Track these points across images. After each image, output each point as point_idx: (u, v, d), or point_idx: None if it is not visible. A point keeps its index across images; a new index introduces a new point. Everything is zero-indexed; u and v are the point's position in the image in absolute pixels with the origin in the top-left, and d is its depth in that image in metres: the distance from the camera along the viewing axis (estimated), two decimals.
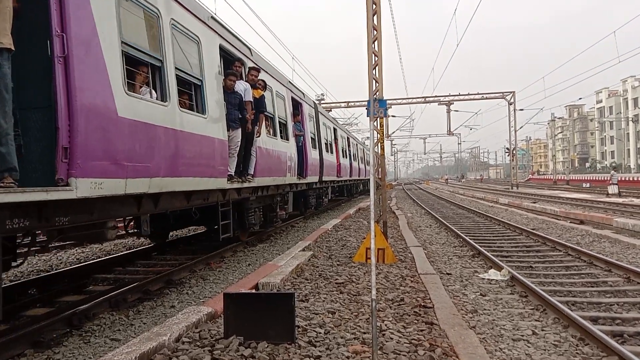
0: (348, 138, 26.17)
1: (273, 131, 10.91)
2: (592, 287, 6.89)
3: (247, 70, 9.34)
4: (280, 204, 12.53)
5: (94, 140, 4.58)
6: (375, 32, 10.24)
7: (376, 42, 10.24)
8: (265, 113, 10.00)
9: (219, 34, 8.11)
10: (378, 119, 9.38)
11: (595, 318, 5.31)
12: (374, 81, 10.23)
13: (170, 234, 11.73)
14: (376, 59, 10.25)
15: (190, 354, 3.76)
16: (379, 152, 10.78)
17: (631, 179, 46.00)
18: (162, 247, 9.96)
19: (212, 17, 7.90)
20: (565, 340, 4.77)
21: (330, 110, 38.08)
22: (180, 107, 6.44)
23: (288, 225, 14.91)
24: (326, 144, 18.09)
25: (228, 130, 8.01)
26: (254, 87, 9.03)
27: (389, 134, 52.45)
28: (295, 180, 12.73)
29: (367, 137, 42.43)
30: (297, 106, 13.98)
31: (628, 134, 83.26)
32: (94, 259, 9.12)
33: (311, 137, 15.20)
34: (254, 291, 5.75)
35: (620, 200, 22.25)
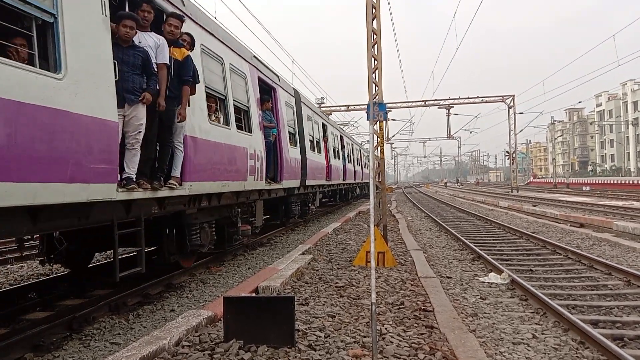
0: (341, 136, 23.12)
1: (225, 118, 8.00)
2: (592, 290, 6.89)
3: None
4: (244, 216, 9.65)
5: None
6: (374, 36, 10.27)
7: (376, 46, 10.26)
8: (210, 90, 7.39)
9: None
10: (378, 122, 9.40)
11: (596, 321, 5.31)
12: (373, 85, 10.25)
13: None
14: (376, 62, 10.27)
15: (190, 358, 3.76)
16: (379, 155, 10.79)
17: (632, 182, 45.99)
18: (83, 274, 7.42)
19: None
20: (565, 343, 4.76)
21: (331, 114, 38.02)
22: None
23: (288, 229, 14.90)
24: (312, 141, 15.15)
25: (121, 105, 5.15)
26: (175, 44, 6.12)
27: (389, 137, 52.53)
28: (263, 186, 9.83)
29: (367, 141, 42.34)
30: (267, 90, 11.01)
31: (628, 137, 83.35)
32: (94, 263, 9.10)
33: (290, 132, 12.50)
34: (254, 295, 5.75)
35: (620, 203, 22.26)
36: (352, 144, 27.82)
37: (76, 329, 5.22)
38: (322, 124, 18.16)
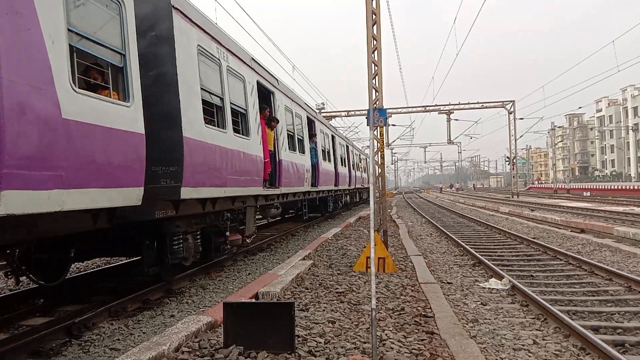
0: (311, 120, 15.58)
1: None
2: (593, 296, 6.88)
3: None
4: None
5: None
6: (375, 42, 10.30)
7: (376, 52, 10.30)
8: None
9: None
10: (378, 128, 9.42)
11: (597, 327, 5.30)
12: (373, 90, 10.27)
13: None
14: (376, 68, 10.30)
15: None
16: (380, 161, 10.79)
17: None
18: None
19: None
20: (566, 349, 4.75)
21: (331, 119, 37.96)
22: None
23: (288, 234, 14.89)
24: (219, 108, 7.88)
25: None
26: None
27: (389, 142, 52.58)
28: None
29: (368, 146, 42.07)
30: None
31: (628, 142, 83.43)
32: (93, 269, 9.10)
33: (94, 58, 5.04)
34: (253, 300, 5.74)
35: (620, 209, 22.24)
36: (332, 136, 20.00)
37: (76, 334, 5.20)
38: (259, 84, 10.04)
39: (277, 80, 11.88)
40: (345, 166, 22.52)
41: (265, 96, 10.80)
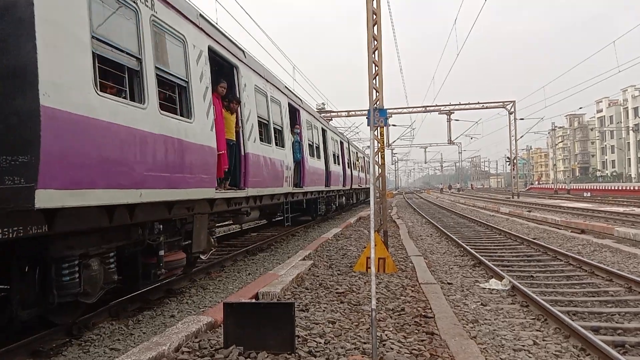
0: (294, 109, 13.39)
1: None
2: (594, 297, 6.87)
3: None
4: None
5: None
6: (375, 42, 10.29)
7: (376, 52, 10.29)
8: None
9: None
10: (378, 128, 9.41)
11: (597, 328, 5.29)
12: (374, 90, 10.26)
13: None
14: (376, 68, 10.29)
15: None
16: (380, 161, 10.78)
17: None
18: None
19: None
20: (566, 350, 4.74)
21: (331, 119, 37.97)
22: None
23: (288, 234, 14.88)
24: (165, 81, 6.04)
25: None
26: None
27: (390, 143, 52.61)
28: None
29: (368, 146, 42.05)
30: None
31: (628, 143, 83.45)
32: None
33: None
34: (254, 301, 5.74)
35: (621, 209, 22.23)
36: (323, 129, 17.81)
37: (76, 334, 5.21)
38: (212, 52, 7.66)
39: (243, 52, 9.28)
40: (339, 164, 20.19)
41: (225, 70, 8.56)
